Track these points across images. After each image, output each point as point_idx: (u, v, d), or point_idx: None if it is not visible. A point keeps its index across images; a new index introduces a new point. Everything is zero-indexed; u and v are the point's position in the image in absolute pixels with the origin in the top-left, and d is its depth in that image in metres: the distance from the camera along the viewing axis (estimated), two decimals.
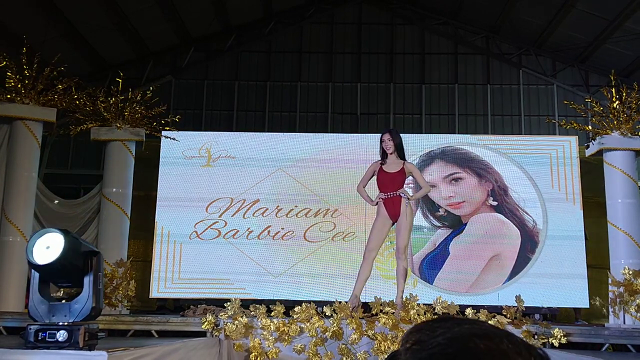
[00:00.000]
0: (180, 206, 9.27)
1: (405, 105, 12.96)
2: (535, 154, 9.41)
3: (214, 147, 9.53)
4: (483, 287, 8.96)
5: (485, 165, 9.43)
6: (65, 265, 3.54)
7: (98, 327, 3.74)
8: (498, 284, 8.99)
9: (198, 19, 12.25)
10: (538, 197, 9.22)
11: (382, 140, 6.11)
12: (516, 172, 9.34)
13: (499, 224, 9.26)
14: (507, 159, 9.40)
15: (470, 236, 9.22)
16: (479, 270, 9.03)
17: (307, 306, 5.75)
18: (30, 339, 3.49)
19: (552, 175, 9.27)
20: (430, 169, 9.51)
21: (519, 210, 9.25)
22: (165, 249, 9.13)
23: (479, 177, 9.42)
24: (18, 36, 8.41)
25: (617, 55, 11.70)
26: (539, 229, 9.16)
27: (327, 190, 9.34)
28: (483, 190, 9.37)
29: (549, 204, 9.18)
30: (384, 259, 8.84)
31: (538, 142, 9.79)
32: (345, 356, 5.53)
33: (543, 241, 9.07)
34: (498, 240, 9.25)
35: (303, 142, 9.75)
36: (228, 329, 5.70)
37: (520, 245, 9.14)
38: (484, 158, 9.48)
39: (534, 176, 9.29)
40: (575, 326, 6.87)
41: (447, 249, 9.22)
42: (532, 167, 9.33)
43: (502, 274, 9.03)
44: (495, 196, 9.32)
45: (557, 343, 5.72)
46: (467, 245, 9.19)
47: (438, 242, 9.28)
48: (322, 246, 9.14)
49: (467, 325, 0.87)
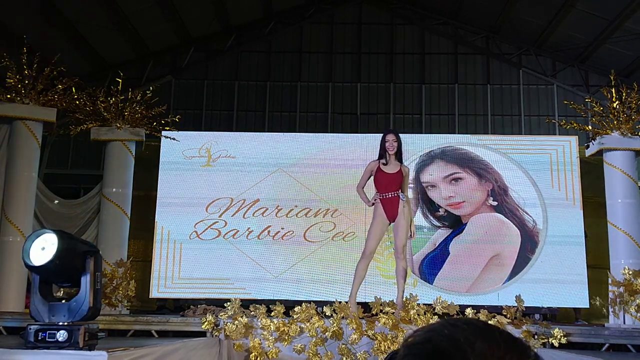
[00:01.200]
0: (180, 206, 9.27)
1: (405, 105, 12.96)
2: (535, 154, 9.41)
3: (214, 147, 9.53)
4: (483, 287, 8.97)
5: (485, 165, 9.43)
6: (61, 266, 3.54)
7: (98, 327, 3.74)
8: (498, 284, 9.00)
9: (198, 19, 12.25)
10: (538, 197, 9.23)
11: (386, 140, 6.06)
12: (516, 172, 9.35)
13: (499, 224, 9.26)
14: (507, 159, 9.41)
15: (470, 236, 9.22)
16: (479, 270, 9.04)
17: (307, 306, 5.75)
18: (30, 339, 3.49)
19: (552, 176, 9.27)
20: (430, 168, 9.51)
21: (519, 210, 9.25)
22: (165, 248, 9.13)
23: (479, 177, 9.42)
24: (18, 36, 8.41)
25: (617, 55, 11.70)
26: (539, 229, 9.16)
27: (327, 190, 9.34)
28: (483, 190, 9.37)
29: (549, 204, 9.18)
30: (384, 259, 8.85)
31: (538, 142, 9.79)
32: (345, 356, 5.53)
33: (543, 241, 9.07)
34: (498, 240, 9.25)
35: (303, 142, 9.75)
36: (228, 329, 5.70)
37: (520, 245, 9.14)
38: (483, 158, 9.48)
39: (534, 176, 9.29)
40: (575, 326, 6.87)
41: (447, 249, 9.21)
42: (532, 167, 9.33)
43: (502, 274, 9.03)
44: (495, 196, 9.33)
45: (557, 343, 5.72)
46: (467, 245, 9.19)
47: (438, 242, 9.28)
48: (322, 246, 9.14)
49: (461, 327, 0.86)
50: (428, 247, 9.26)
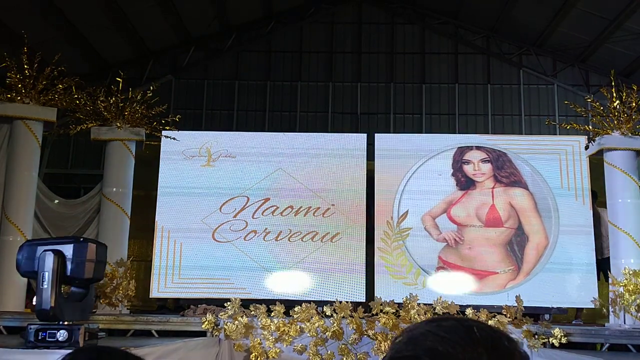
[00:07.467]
0: (181, 206, 9.26)
1: (406, 105, 12.97)
2: (544, 154, 9.33)
3: (214, 147, 9.52)
4: (492, 287, 8.89)
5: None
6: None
7: (98, 327, 3.75)
8: (508, 284, 8.91)
9: (198, 19, 12.25)
10: (548, 196, 9.16)
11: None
12: (526, 171, 9.28)
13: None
14: (518, 158, 9.33)
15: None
16: (489, 271, 8.95)
17: (307, 306, 5.75)
18: (30, 338, 3.50)
19: (562, 175, 9.19)
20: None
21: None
22: (166, 248, 9.12)
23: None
24: (18, 36, 8.41)
25: (617, 55, 11.70)
26: (549, 228, 9.07)
27: (327, 189, 9.33)
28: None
29: (560, 202, 9.09)
30: (392, 259, 8.83)
31: (548, 142, 9.71)
32: (346, 356, 5.53)
33: (554, 242, 8.98)
34: None
35: (303, 141, 9.75)
36: (228, 329, 5.70)
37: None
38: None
39: (543, 175, 9.23)
40: (576, 326, 6.87)
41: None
42: (541, 167, 9.26)
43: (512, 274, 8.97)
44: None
45: (557, 343, 5.72)
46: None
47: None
48: (322, 245, 9.13)
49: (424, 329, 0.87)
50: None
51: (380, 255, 8.84)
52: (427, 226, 9.03)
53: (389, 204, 9.13)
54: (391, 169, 9.28)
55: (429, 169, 9.32)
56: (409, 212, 9.08)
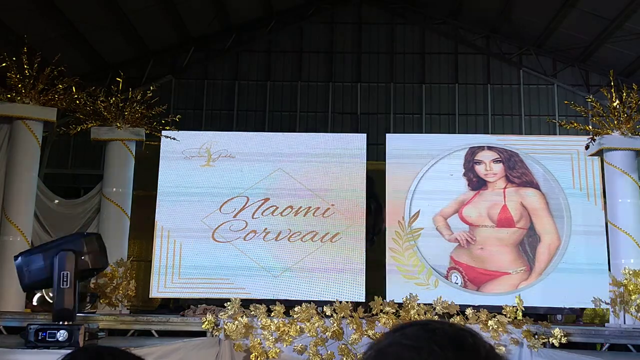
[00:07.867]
0: (181, 206, 9.27)
1: (406, 105, 12.97)
2: (556, 154, 9.30)
3: (214, 147, 9.52)
4: (505, 287, 8.87)
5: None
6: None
7: (98, 327, 3.75)
8: (521, 284, 8.89)
9: (198, 18, 12.25)
10: (560, 196, 9.13)
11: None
12: (538, 171, 9.26)
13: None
14: (530, 159, 9.30)
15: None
16: (501, 271, 8.93)
17: (307, 306, 5.75)
18: (30, 338, 3.50)
19: (573, 175, 9.16)
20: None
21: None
22: (166, 248, 9.13)
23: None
24: (19, 36, 8.41)
25: (617, 55, 11.70)
26: (561, 229, 9.03)
27: (327, 189, 9.33)
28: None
29: (572, 202, 9.06)
30: (404, 259, 8.82)
31: (559, 142, 9.68)
32: (346, 356, 5.53)
33: (566, 242, 8.94)
34: None
35: (303, 141, 9.75)
36: (228, 329, 5.70)
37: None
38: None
39: (555, 175, 9.20)
40: (576, 326, 6.87)
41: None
42: (553, 167, 9.23)
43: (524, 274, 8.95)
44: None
45: (557, 343, 5.72)
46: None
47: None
48: (322, 245, 9.13)
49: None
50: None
51: (391, 256, 8.82)
52: (439, 226, 9.00)
53: (400, 204, 9.10)
54: (402, 169, 9.25)
55: (441, 169, 9.27)
56: (420, 212, 9.05)
